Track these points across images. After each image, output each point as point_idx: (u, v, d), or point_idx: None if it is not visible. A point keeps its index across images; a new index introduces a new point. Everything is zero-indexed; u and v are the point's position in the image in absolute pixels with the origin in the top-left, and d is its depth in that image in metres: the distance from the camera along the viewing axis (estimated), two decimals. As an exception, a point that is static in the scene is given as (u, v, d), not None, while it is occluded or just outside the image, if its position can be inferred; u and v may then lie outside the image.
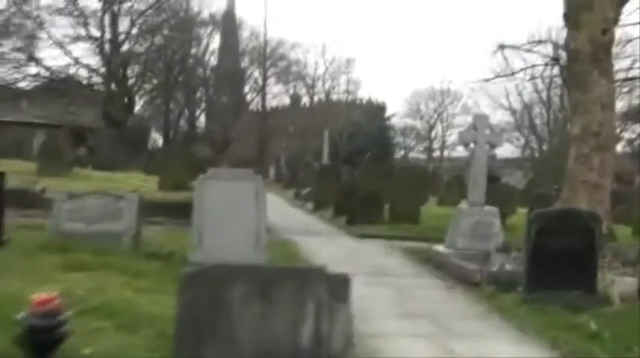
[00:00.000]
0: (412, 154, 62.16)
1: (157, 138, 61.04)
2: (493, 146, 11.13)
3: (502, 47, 15.45)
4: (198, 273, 4.60)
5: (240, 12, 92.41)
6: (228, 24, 62.23)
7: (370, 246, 12.95)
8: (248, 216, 8.47)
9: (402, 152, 61.70)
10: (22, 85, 47.87)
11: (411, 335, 6.36)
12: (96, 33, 48.36)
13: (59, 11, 47.09)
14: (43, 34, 47.11)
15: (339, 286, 4.67)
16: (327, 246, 12.78)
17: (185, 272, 4.63)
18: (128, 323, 5.57)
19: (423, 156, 61.72)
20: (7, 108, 44.61)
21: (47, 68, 47.94)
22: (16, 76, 47.00)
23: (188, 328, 4.49)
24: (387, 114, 59.49)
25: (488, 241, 10.72)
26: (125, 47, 50.20)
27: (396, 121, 60.93)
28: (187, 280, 4.58)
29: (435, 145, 62.28)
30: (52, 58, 47.15)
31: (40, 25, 46.84)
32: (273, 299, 4.52)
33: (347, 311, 4.61)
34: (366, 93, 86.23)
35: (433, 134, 61.91)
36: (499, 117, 46.46)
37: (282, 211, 21.11)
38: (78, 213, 8.86)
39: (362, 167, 20.78)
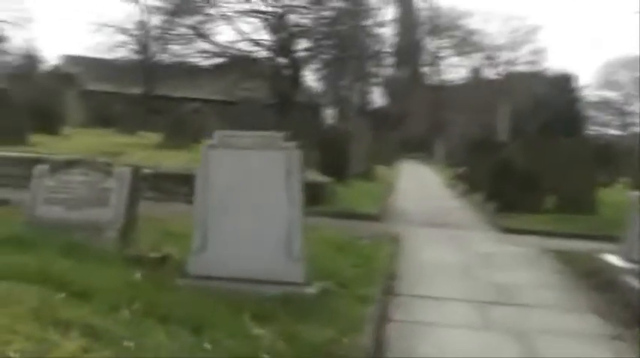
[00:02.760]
0: (609, 131, 54.96)
1: (327, 114, 59.55)
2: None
3: None
4: None
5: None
6: (406, -5, 58.83)
7: (512, 248, 9.27)
8: (275, 205, 5.37)
9: (596, 128, 54.79)
10: (195, 61, 48.17)
11: None
12: (263, 7, 47.28)
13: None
14: (212, 11, 46.86)
15: None
16: (447, 245, 9.28)
17: None
18: None
19: (622, 133, 54.30)
20: (184, 85, 45.09)
21: (217, 44, 47.73)
22: (189, 52, 47.33)
23: None
24: (577, 85, 52.91)
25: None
26: (293, 20, 48.68)
27: (589, 94, 54.09)
28: None
29: (636, 120, 54.52)
30: (221, 33, 46.56)
31: (210, 1, 46.61)
32: None
33: None
34: (553, 63, 78.40)
35: (633, 107, 54.26)
36: None
37: (427, 194, 17.74)
38: (59, 192, 6.28)
39: (523, 142, 16.70)
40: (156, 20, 46.27)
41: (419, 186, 20.48)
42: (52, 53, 66.52)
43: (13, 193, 8.57)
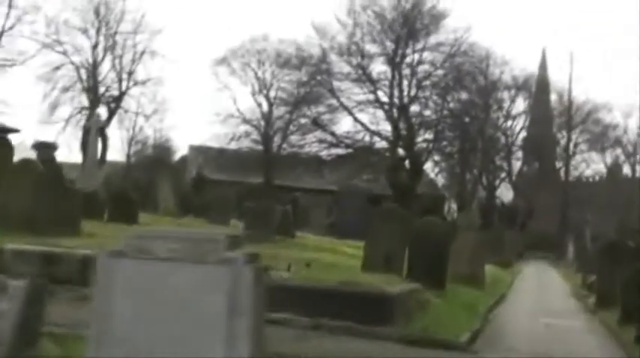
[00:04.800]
0: None
1: (450, 208, 56.84)
2: None
3: None
4: None
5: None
6: (540, 88, 56.23)
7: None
8: (210, 354, 3.12)
9: None
10: (313, 151, 47.41)
11: None
12: (385, 97, 46.13)
13: (347, 77, 46.01)
14: (333, 101, 46.39)
15: None
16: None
17: None
18: None
19: None
20: (303, 175, 44.44)
21: (335, 135, 46.86)
22: (308, 142, 46.77)
23: None
24: None
25: None
26: (415, 111, 47.02)
27: None
28: None
29: None
30: (343, 124, 45.80)
31: (333, 92, 46.26)
32: None
33: None
34: None
35: None
36: None
37: (544, 307, 14.69)
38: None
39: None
40: (279, 111, 46.23)
41: (537, 294, 17.29)
42: (181, 143, 68.56)
43: None
